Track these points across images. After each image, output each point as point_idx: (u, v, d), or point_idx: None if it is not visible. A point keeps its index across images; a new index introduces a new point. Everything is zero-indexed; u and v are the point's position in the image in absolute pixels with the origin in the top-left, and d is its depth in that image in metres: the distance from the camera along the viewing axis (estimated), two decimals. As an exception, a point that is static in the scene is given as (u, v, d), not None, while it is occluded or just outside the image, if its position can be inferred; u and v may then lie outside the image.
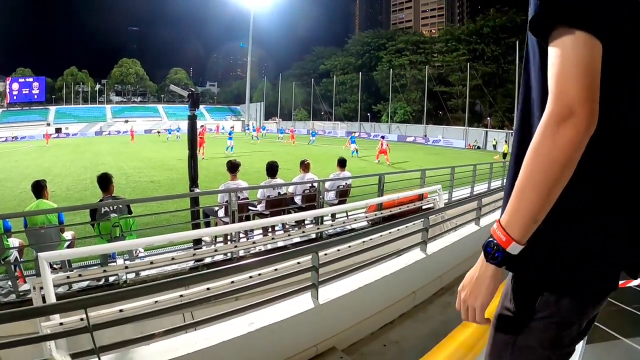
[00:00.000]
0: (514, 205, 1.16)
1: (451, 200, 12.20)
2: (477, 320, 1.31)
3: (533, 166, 1.11)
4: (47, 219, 6.36)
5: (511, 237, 1.16)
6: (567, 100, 1.04)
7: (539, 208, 1.12)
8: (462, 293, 1.34)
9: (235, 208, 7.07)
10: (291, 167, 15.97)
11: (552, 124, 1.07)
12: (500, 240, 1.19)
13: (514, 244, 1.16)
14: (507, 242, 1.17)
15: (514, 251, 1.18)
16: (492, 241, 1.21)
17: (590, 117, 1.05)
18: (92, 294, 5.03)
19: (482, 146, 58.81)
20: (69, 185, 17.04)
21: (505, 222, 1.19)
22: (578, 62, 1.04)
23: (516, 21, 68.33)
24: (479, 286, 1.27)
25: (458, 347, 4.22)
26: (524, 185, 1.13)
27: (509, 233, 1.17)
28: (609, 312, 3.65)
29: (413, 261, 5.43)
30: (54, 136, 69.91)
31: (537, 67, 1.25)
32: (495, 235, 1.21)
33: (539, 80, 1.24)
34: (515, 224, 1.16)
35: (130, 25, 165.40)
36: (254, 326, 3.48)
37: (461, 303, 1.34)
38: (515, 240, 1.16)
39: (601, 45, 1.05)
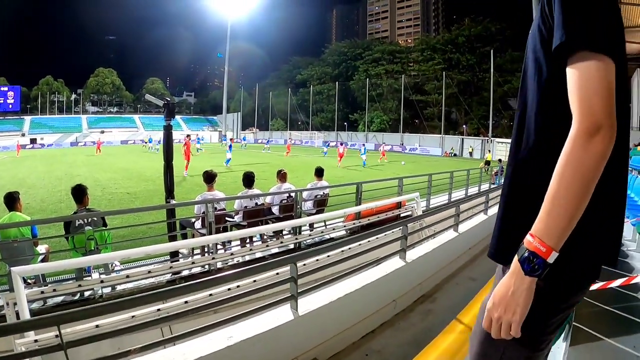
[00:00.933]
0: (549, 214, 1.22)
1: (429, 207, 12.25)
2: (514, 334, 1.31)
3: (567, 176, 1.19)
4: (20, 232, 6.20)
5: (550, 246, 1.21)
6: (595, 116, 1.17)
7: (575, 215, 1.20)
8: (494, 312, 1.34)
9: (212, 219, 6.99)
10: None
11: (583, 138, 1.17)
12: (539, 251, 1.22)
13: (553, 253, 1.21)
14: (548, 253, 1.22)
15: (552, 260, 1.22)
16: (530, 254, 1.24)
17: (614, 129, 1.18)
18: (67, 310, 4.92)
19: (459, 154, 59.58)
20: (44, 197, 16.67)
21: (541, 233, 1.23)
22: (602, 82, 1.18)
23: (491, 30, 69.65)
24: (517, 300, 1.28)
25: (441, 355, 4.22)
26: (559, 195, 1.20)
27: (548, 243, 1.21)
28: (590, 313, 3.68)
29: (393, 269, 5.42)
30: (28, 147, 68.76)
31: (537, 87, 1.41)
32: (533, 248, 1.24)
33: (538, 99, 1.41)
34: (553, 233, 1.21)
35: (107, 35, 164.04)
36: (233, 340, 3.42)
37: (494, 321, 1.34)
38: (554, 249, 1.21)
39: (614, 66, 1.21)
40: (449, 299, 6.05)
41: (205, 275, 6.50)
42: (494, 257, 1.57)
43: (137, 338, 3.71)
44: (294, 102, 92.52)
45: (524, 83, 1.52)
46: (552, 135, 1.34)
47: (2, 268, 6.57)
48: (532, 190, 1.37)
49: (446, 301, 5.95)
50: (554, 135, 1.33)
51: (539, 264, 1.23)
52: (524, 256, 1.25)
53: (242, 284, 4.66)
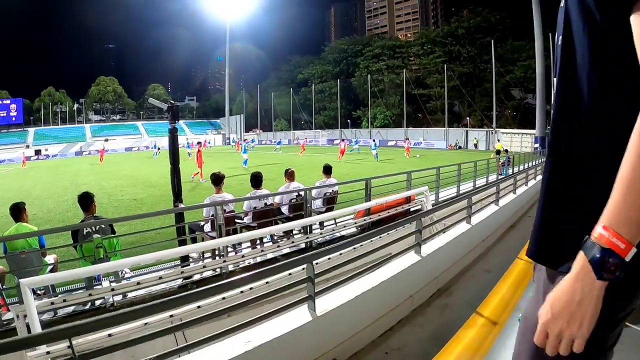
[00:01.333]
0: (626, 200, 0.98)
1: (438, 201, 12.14)
2: (576, 350, 1.07)
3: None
4: (27, 243, 6.13)
5: (629, 241, 0.98)
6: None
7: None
8: (553, 326, 1.08)
9: (222, 221, 6.90)
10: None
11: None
12: (617, 248, 0.98)
13: (632, 249, 0.98)
14: (627, 249, 0.98)
15: (629, 258, 0.99)
16: (605, 252, 1.00)
17: None
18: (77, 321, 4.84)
19: (464, 146, 59.41)
20: (50, 207, 16.68)
21: (618, 224, 0.99)
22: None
23: (490, 21, 69.46)
24: (584, 310, 1.04)
25: (464, 350, 4.10)
26: (636, 173, 0.96)
27: (626, 236, 0.98)
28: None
29: (408, 264, 5.32)
30: (33, 158, 69.12)
31: (589, 41, 1.13)
32: (609, 243, 0.99)
33: (591, 56, 1.14)
34: (632, 224, 0.98)
35: (106, 43, 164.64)
36: (251, 344, 3.32)
37: (552, 336, 1.09)
38: (633, 244, 0.98)
39: None
40: (466, 292, 5.95)
41: (217, 278, 6.42)
42: (536, 256, 1.32)
43: (150, 345, 3.62)
44: (297, 101, 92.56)
45: (565, 41, 1.23)
46: (613, 99, 1.09)
47: (11, 280, 6.50)
48: (585, 169, 1.15)
49: (463, 295, 5.85)
50: (615, 99, 1.09)
51: (616, 263, 0.98)
52: (597, 255, 1.00)
53: (255, 286, 4.57)
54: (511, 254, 7.50)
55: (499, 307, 5.18)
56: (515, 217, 10.91)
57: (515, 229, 10.01)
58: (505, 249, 8.08)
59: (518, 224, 10.53)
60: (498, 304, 5.28)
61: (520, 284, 5.97)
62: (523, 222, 10.77)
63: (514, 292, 5.70)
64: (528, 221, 10.76)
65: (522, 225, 10.31)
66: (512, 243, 8.50)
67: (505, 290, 5.79)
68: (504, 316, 4.88)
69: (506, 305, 5.26)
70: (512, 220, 10.52)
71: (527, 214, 11.77)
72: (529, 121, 54.12)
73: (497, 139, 48.20)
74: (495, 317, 4.86)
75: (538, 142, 46.05)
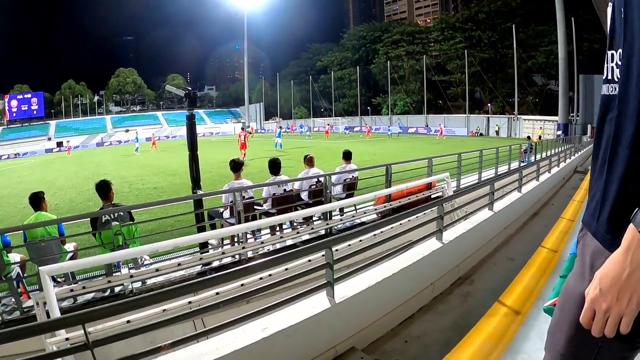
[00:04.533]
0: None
1: (459, 187, 11.98)
2: (624, 330, 1.00)
3: None
4: (46, 231, 6.16)
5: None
6: None
7: None
8: (601, 301, 1.02)
9: (241, 208, 6.86)
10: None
11: None
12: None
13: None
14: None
15: None
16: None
17: None
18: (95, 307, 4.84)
19: (485, 132, 58.72)
20: (72, 197, 16.86)
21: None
22: None
23: (511, 5, 68.17)
24: (634, 284, 0.97)
25: (486, 340, 4.00)
26: None
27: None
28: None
29: (430, 251, 5.22)
30: (55, 150, 70.11)
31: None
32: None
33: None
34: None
35: (125, 35, 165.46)
36: (268, 331, 3.26)
37: (599, 313, 1.03)
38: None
39: None
40: (488, 280, 5.83)
41: (235, 265, 6.40)
42: (607, 236, 1.15)
43: (169, 331, 3.60)
44: (316, 89, 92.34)
45: (627, 13, 1.11)
46: None
47: (31, 268, 6.55)
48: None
49: (485, 283, 5.73)
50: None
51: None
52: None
53: (274, 272, 4.51)
54: (534, 242, 7.36)
55: (522, 296, 5.07)
56: (538, 204, 10.70)
57: (539, 216, 9.80)
58: (528, 237, 7.92)
59: (541, 211, 10.31)
60: (521, 293, 5.17)
61: (544, 273, 5.85)
62: (546, 210, 10.56)
63: (537, 280, 5.59)
64: (551, 209, 10.56)
65: (545, 214, 10.09)
66: (535, 231, 8.33)
67: (529, 279, 5.67)
68: (527, 305, 4.78)
69: (529, 294, 5.15)
70: (535, 208, 10.32)
71: (549, 202, 11.54)
72: (552, 108, 53.21)
73: (541, 127, 47.44)
74: (519, 307, 4.76)
75: (561, 129, 45.37)
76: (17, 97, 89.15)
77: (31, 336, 2.88)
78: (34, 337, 3.50)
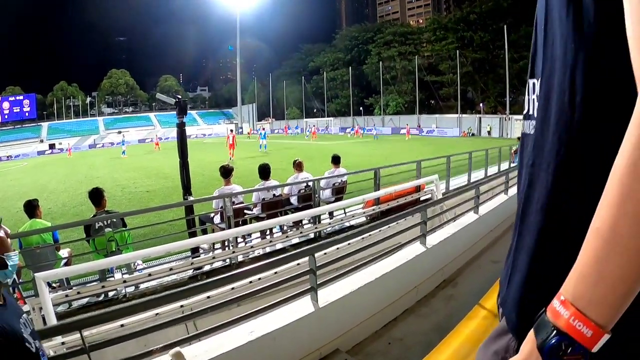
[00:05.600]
0: (600, 267, 0.66)
1: (449, 189, 12.15)
2: None
3: (636, 196, 0.62)
4: (41, 238, 6.30)
5: (599, 325, 0.66)
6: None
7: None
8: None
9: (231, 213, 7.01)
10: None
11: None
12: (580, 336, 0.67)
13: (604, 335, 0.66)
14: (596, 337, 0.66)
15: (598, 348, 0.67)
16: (562, 337, 0.69)
17: None
18: (90, 312, 4.98)
19: (477, 133, 58.86)
20: (65, 201, 16.87)
21: (585, 301, 0.68)
22: None
23: (503, 6, 68.28)
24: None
25: (464, 342, 4.17)
26: (622, 231, 0.63)
27: (595, 319, 0.66)
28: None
29: (413, 255, 5.39)
30: (47, 152, 69.84)
31: (574, 32, 0.80)
32: (568, 328, 0.68)
33: (581, 58, 0.79)
34: (605, 302, 0.66)
35: (117, 36, 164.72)
36: (254, 335, 3.43)
37: None
38: (605, 330, 0.66)
39: None
40: (471, 283, 5.98)
41: (226, 269, 6.54)
42: (516, 330, 0.95)
43: (162, 333, 3.75)
44: (309, 89, 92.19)
45: (547, 31, 0.93)
46: (603, 117, 0.77)
47: (27, 274, 6.67)
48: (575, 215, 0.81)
49: (468, 286, 5.89)
50: (606, 118, 0.77)
51: (576, 354, 0.68)
52: (551, 341, 0.70)
53: (263, 276, 4.66)
54: (519, 244, 7.48)
55: (502, 300, 5.19)
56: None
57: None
58: (513, 239, 8.06)
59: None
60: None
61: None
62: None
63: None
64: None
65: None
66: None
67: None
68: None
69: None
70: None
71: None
72: (543, 107, 53.27)
73: (519, 136, 47.69)
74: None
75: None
76: (8, 98, 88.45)
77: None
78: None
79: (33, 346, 1.73)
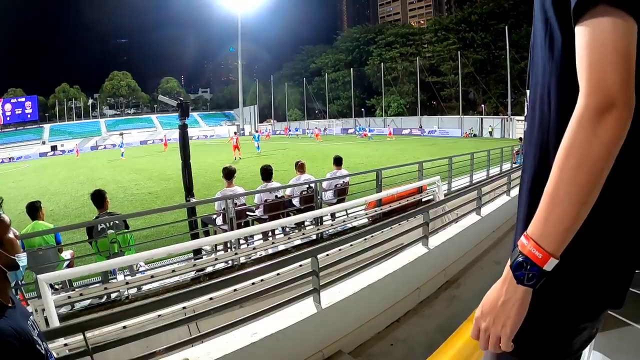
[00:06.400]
0: (547, 212, 1.02)
1: (451, 190, 12.14)
2: (504, 349, 1.12)
3: (570, 167, 0.97)
4: (44, 240, 6.31)
5: (548, 252, 1.01)
6: (607, 89, 0.93)
7: (580, 213, 0.99)
8: (482, 322, 1.15)
9: (233, 215, 7.02)
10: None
11: (591, 117, 0.95)
12: (534, 257, 1.03)
13: (551, 259, 1.01)
14: (545, 259, 1.02)
15: (549, 268, 1.02)
16: (524, 259, 1.05)
17: (631, 108, 0.94)
18: (94, 314, 4.99)
19: (479, 134, 58.79)
20: (67, 202, 16.89)
21: (538, 236, 1.03)
22: (617, 47, 0.93)
23: (504, 6, 68.38)
24: (508, 311, 1.09)
25: (466, 343, 4.16)
26: (560, 190, 0.99)
27: (545, 247, 1.02)
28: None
29: (415, 257, 5.39)
30: (50, 154, 69.99)
31: (549, 59, 1.13)
32: (528, 253, 1.04)
33: (550, 76, 1.13)
34: (551, 236, 1.02)
35: (118, 38, 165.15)
36: (257, 336, 3.44)
37: (481, 332, 1.15)
38: (552, 255, 1.01)
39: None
40: (474, 284, 5.98)
41: (229, 270, 6.54)
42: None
43: (165, 336, 3.75)
44: (310, 91, 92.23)
45: (534, 52, 1.23)
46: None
47: (29, 276, 6.68)
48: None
49: (471, 286, 5.89)
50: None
51: (533, 271, 1.04)
52: (517, 261, 1.06)
53: (265, 278, 4.67)
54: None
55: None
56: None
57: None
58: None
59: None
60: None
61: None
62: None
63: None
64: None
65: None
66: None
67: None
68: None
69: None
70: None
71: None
72: (545, 108, 53.32)
73: (520, 137, 47.86)
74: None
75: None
76: (10, 100, 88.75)
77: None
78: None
79: (42, 347, 1.74)
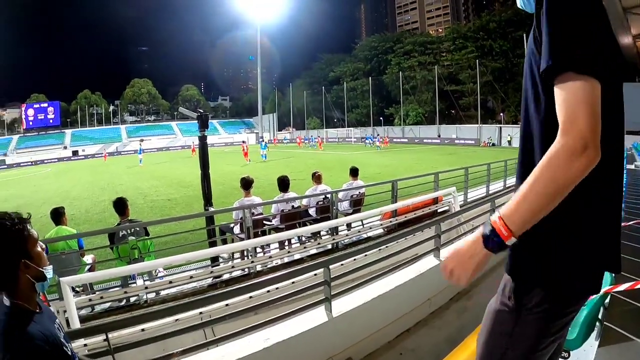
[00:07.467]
0: (518, 205, 1.32)
1: (467, 201, 12.14)
2: (463, 285, 1.50)
3: (543, 183, 1.28)
4: (67, 244, 6.51)
5: (511, 231, 1.32)
6: (581, 135, 1.24)
7: (540, 213, 1.30)
8: (449, 263, 1.49)
9: (250, 224, 7.16)
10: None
11: (568, 154, 1.24)
12: (500, 233, 1.34)
13: (512, 238, 1.33)
14: (507, 236, 1.33)
15: (510, 243, 1.34)
16: (492, 232, 1.36)
17: (598, 150, 1.25)
18: (114, 316, 5.16)
19: (497, 143, 58.23)
20: (88, 207, 17.14)
21: (507, 218, 1.33)
22: (587, 102, 1.25)
23: (522, 14, 67.48)
24: (470, 263, 1.42)
25: (472, 354, 4.23)
26: (531, 194, 1.30)
27: (511, 227, 1.32)
28: (622, 312, 3.63)
29: (427, 268, 5.47)
30: (73, 159, 71.11)
31: (536, 112, 1.50)
32: (496, 227, 1.35)
33: (539, 124, 1.48)
34: (516, 222, 1.32)
35: (139, 46, 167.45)
36: (270, 342, 3.56)
37: (447, 269, 1.50)
38: (514, 235, 1.32)
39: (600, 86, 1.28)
40: (487, 295, 5.92)
41: (245, 278, 6.66)
42: (510, 271, 1.62)
43: (181, 340, 3.89)
44: (329, 99, 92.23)
45: (526, 101, 1.58)
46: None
47: (52, 278, 6.88)
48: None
49: (483, 298, 5.83)
50: (547, 137, 1.40)
51: (497, 242, 1.35)
52: (489, 230, 1.37)
53: (280, 286, 4.78)
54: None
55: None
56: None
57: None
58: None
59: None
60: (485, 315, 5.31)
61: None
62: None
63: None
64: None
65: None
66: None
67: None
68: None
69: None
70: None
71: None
72: (564, 117, 52.71)
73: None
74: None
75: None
76: (33, 106, 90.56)
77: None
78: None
79: (69, 349, 1.88)
